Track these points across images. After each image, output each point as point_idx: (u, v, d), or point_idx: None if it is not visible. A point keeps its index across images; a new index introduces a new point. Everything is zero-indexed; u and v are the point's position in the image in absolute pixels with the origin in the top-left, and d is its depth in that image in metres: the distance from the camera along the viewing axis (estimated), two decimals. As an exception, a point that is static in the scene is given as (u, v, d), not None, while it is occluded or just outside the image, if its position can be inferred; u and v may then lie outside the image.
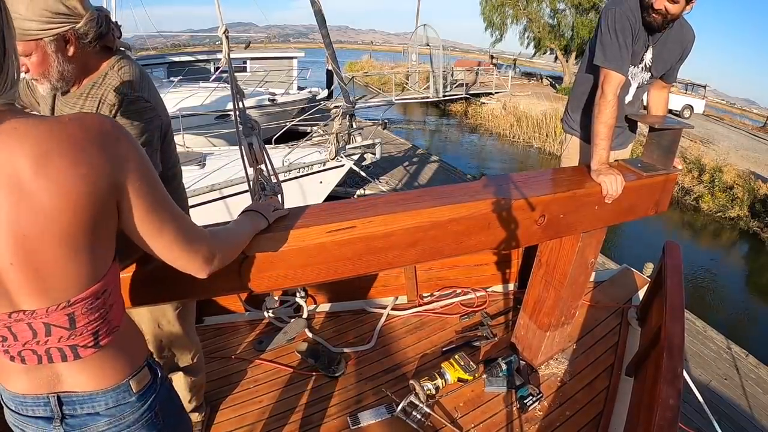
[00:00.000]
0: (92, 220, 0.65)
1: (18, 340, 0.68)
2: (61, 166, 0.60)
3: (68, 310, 0.68)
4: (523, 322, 2.09)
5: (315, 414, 1.81)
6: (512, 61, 30.36)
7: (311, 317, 2.38)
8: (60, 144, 0.61)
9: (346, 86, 5.61)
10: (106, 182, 0.65)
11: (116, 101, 1.11)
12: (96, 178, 0.63)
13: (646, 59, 1.80)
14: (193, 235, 0.81)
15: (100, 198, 0.64)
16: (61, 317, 0.68)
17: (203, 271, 0.84)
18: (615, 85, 1.67)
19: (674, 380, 1.38)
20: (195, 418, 1.70)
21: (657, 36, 1.75)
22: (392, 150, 10.93)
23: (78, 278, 0.67)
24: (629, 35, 1.67)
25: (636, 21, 1.67)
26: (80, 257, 0.66)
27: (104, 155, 0.64)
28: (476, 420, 1.79)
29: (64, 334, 0.69)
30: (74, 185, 0.61)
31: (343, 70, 6.31)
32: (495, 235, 1.37)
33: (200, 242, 0.82)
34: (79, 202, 0.62)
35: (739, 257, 9.62)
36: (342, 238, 1.13)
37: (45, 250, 0.62)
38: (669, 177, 1.76)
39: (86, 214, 0.63)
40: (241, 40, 14.63)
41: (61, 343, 0.70)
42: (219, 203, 5.24)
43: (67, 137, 0.62)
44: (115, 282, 0.75)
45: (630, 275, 2.71)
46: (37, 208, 0.60)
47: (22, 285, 0.64)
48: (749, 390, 4.14)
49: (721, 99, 41.91)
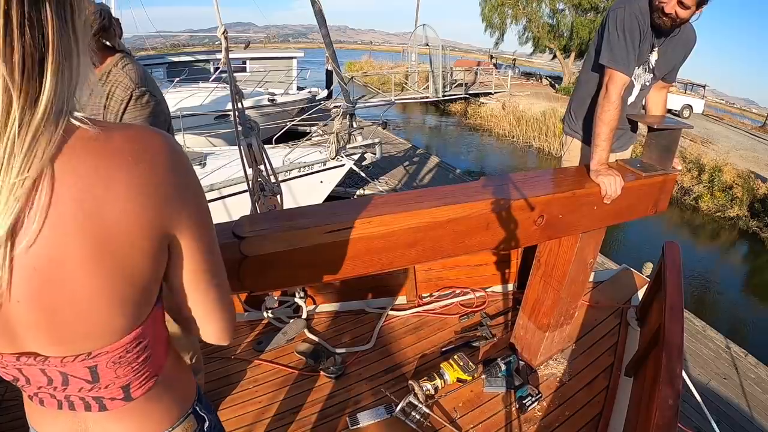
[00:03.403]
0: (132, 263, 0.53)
1: (31, 384, 0.57)
2: (111, 196, 0.48)
3: (89, 362, 0.55)
4: (522, 323, 2.09)
5: (314, 414, 1.81)
6: (512, 61, 30.37)
7: (311, 317, 2.38)
8: (114, 168, 0.49)
9: (346, 86, 5.60)
10: (161, 219, 0.53)
11: (124, 96, 1.13)
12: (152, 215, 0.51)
13: (651, 61, 1.79)
14: (229, 297, 0.68)
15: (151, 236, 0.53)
16: (79, 369, 0.56)
17: (228, 338, 0.70)
18: (620, 86, 1.65)
19: (673, 380, 1.38)
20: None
21: (663, 39, 1.74)
22: (392, 150, 10.93)
23: (106, 327, 0.54)
24: (637, 36, 1.65)
25: (645, 22, 1.65)
26: (113, 303, 0.53)
27: (165, 186, 0.52)
28: (475, 420, 1.79)
29: (85, 386, 0.58)
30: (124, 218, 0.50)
31: (342, 70, 6.31)
32: (494, 235, 1.38)
33: (231, 305, 0.69)
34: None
35: (739, 257, 9.63)
36: (341, 238, 1.13)
37: (66, 289, 0.49)
38: (668, 177, 1.77)
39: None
40: (240, 41, 14.64)
41: (83, 393, 0.58)
42: (219, 203, 5.24)
43: (117, 150, 0.49)
44: (156, 327, 0.62)
45: (629, 275, 2.71)
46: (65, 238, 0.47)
47: (30, 326, 0.51)
48: (748, 389, 4.15)
49: (720, 99, 41.96)
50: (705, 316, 5.49)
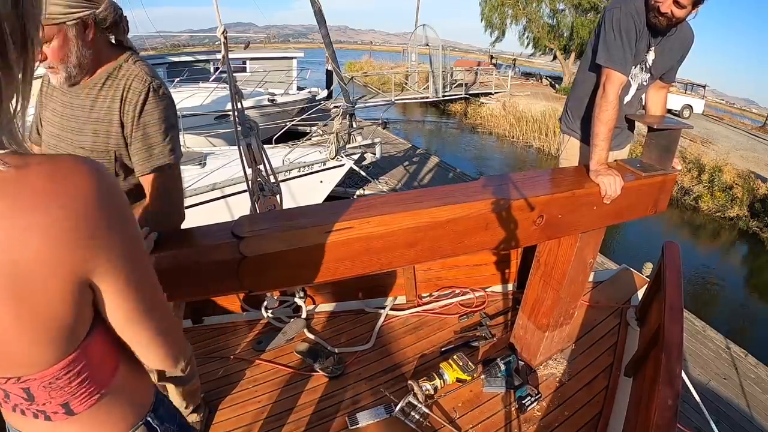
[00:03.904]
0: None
1: None
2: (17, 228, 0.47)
3: (21, 385, 0.57)
4: (521, 323, 2.09)
5: (314, 414, 1.81)
6: (512, 61, 30.37)
7: (310, 317, 2.38)
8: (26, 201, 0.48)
9: (346, 86, 5.60)
10: (77, 261, 0.51)
11: (143, 88, 1.14)
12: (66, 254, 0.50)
13: (648, 60, 1.79)
14: (171, 326, 0.68)
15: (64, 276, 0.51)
16: (15, 389, 0.58)
17: (173, 365, 0.70)
18: (617, 86, 1.65)
19: (673, 380, 1.38)
20: (194, 419, 1.70)
21: (659, 38, 1.74)
22: (392, 150, 10.93)
23: (29, 359, 0.55)
24: (633, 36, 1.65)
25: (640, 22, 1.66)
26: (32, 339, 0.53)
27: (81, 230, 0.50)
28: (475, 420, 1.79)
29: (23, 403, 0.60)
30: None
31: (342, 70, 6.31)
32: (494, 235, 1.38)
33: (173, 334, 0.68)
34: None
35: (739, 257, 9.62)
36: (341, 238, 1.13)
37: None
38: (668, 177, 1.77)
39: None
40: (240, 41, 14.64)
41: (24, 406, 0.60)
42: (220, 202, 5.24)
43: (32, 191, 0.48)
44: (95, 353, 0.61)
45: (629, 275, 2.71)
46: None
47: None
48: (748, 389, 4.14)
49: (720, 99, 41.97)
50: (705, 316, 5.49)
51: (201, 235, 1.10)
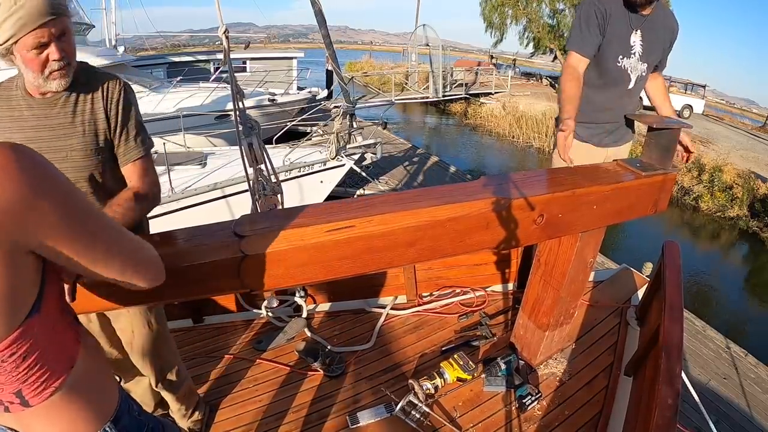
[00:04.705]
0: None
1: None
2: None
3: None
4: (522, 322, 2.09)
5: (314, 413, 1.81)
6: (512, 61, 30.36)
7: (311, 317, 2.38)
8: None
9: (346, 86, 5.61)
10: (6, 235, 0.53)
11: (119, 86, 1.21)
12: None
13: (636, 45, 1.94)
14: (141, 251, 0.73)
15: None
16: None
17: (159, 280, 0.78)
18: (574, 61, 1.99)
19: (673, 380, 1.38)
20: (194, 418, 1.70)
21: (642, 18, 1.89)
22: (392, 150, 10.93)
23: None
24: (594, 21, 1.93)
25: (603, 8, 1.91)
26: None
27: (10, 203, 0.52)
28: (475, 419, 1.80)
29: None
30: None
31: (342, 70, 6.31)
32: (494, 234, 1.38)
33: (151, 254, 0.75)
34: None
35: (739, 257, 9.62)
36: (341, 237, 1.13)
37: None
38: (668, 177, 1.77)
39: None
40: (240, 41, 14.65)
41: None
42: (221, 202, 5.24)
43: None
44: (39, 338, 0.61)
45: (629, 275, 2.71)
46: None
47: None
48: (748, 389, 4.15)
49: (720, 99, 41.95)
50: (705, 316, 5.49)
51: (202, 234, 1.10)
